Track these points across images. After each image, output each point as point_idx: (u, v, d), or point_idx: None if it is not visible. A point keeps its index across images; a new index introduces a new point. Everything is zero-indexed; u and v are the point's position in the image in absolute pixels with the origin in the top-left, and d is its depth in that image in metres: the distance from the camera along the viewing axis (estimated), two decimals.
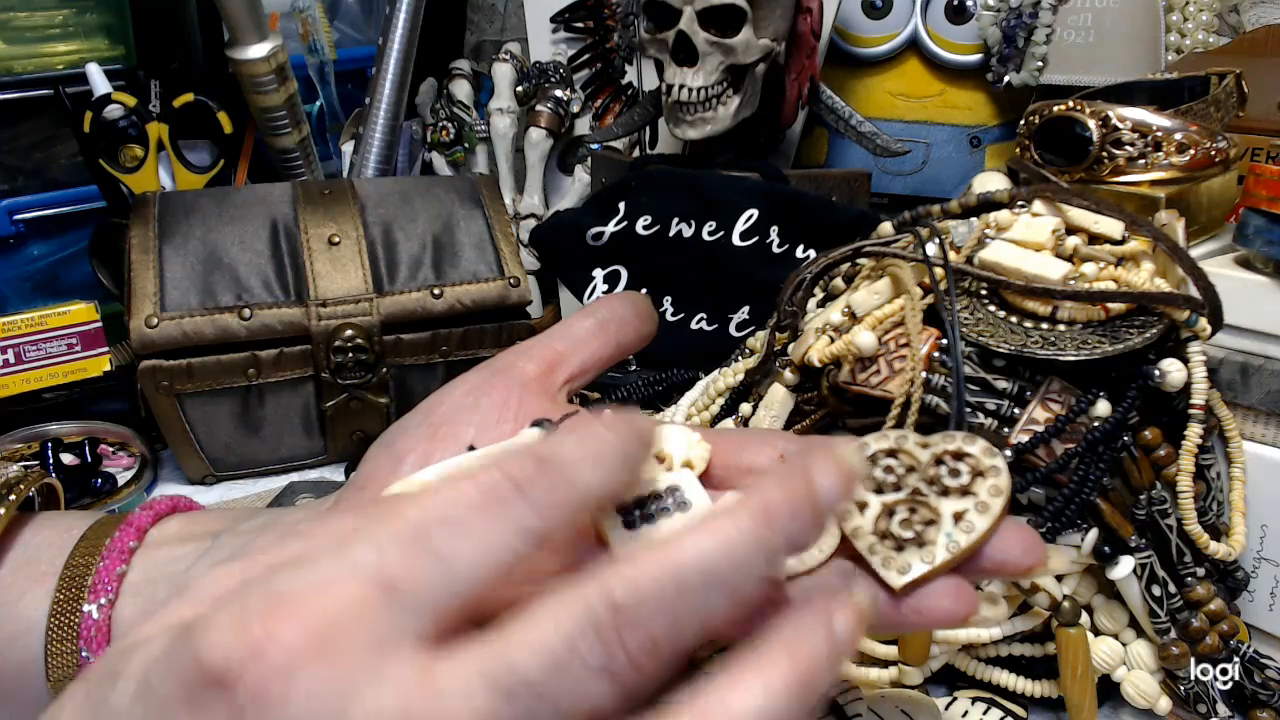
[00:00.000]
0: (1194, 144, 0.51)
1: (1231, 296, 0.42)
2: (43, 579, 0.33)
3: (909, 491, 0.29)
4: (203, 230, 0.60)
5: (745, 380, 0.50)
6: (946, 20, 0.76)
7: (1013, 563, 0.27)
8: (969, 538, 0.27)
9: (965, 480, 0.28)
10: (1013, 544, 0.27)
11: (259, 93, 0.73)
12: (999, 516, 0.27)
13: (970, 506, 0.28)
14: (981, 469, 0.29)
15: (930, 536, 0.27)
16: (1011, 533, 0.28)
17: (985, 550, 0.27)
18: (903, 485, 0.29)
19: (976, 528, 0.27)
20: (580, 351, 0.38)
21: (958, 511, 0.28)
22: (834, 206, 0.66)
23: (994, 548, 0.27)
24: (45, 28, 0.75)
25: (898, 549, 0.27)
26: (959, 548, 0.27)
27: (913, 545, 0.27)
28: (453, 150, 0.88)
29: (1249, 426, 0.46)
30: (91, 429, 0.62)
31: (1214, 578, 0.43)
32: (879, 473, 0.29)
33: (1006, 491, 0.28)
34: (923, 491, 0.29)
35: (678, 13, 0.65)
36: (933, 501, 0.28)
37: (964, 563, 0.27)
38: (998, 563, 0.27)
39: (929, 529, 0.28)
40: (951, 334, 0.42)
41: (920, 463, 0.29)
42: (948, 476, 0.29)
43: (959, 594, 0.27)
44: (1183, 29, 0.73)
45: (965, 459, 0.29)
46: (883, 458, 0.30)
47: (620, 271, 0.68)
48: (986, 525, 0.27)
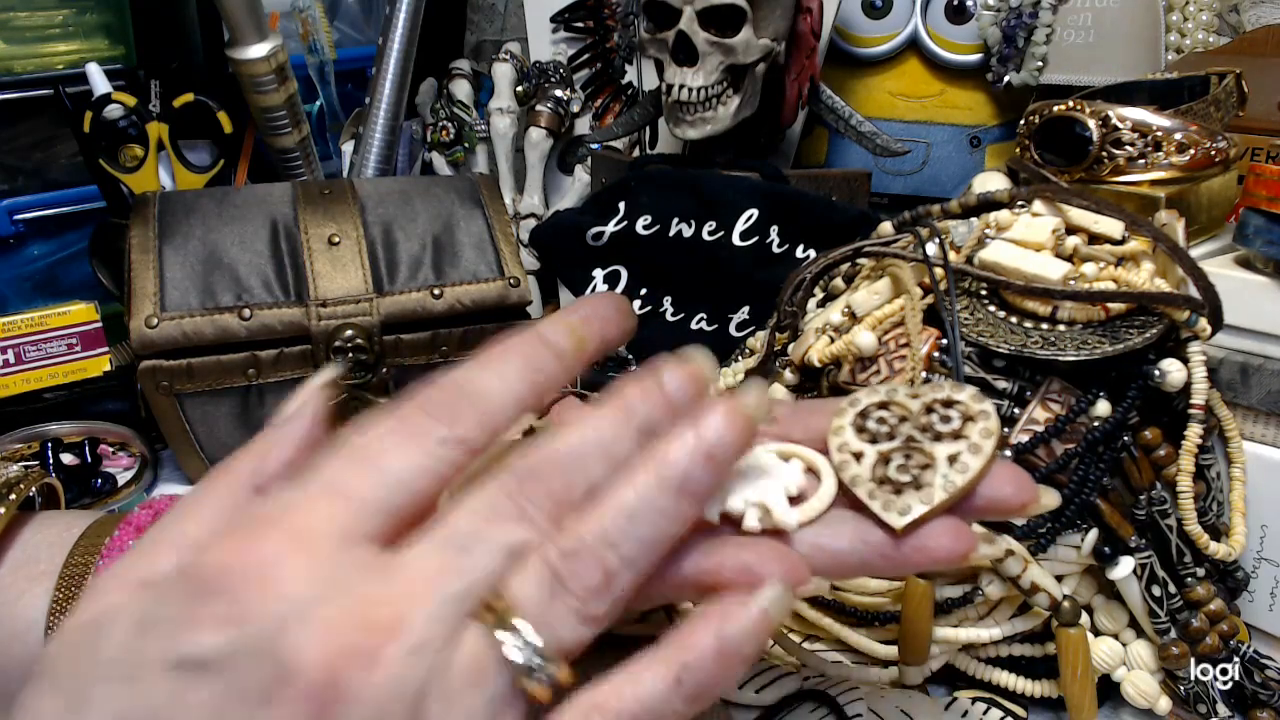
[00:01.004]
0: (1194, 144, 0.51)
1: (1231, 296, 0.42)
2: (42, 578, 0.33)
3: (903, 439, 0.30)
4: (203, 230, 0.59)
5: (745, 380, 0.50)
6: (946, 20, 0.76)
7: (1006, 500, 0.28)
8: (964, 477, 0.28)
9: (956, 425, 0.29)
10: (1005, 483, 0.28)
11: (259, 93, 0.73)
12: (991, 457, 0.28)
13: (963, 449, 0.29)
14: (971, 414, 0.30)
15: (927, 479, 0.28)
16: (1003, 473, 0.29)
17: (979, 490, 0.28)
18: (896, 434, 0.30)
19: (971, 467, 0.28)
20: None
21: (951, 454, 0.29)
22: (834, 206, 0.66)
23: (987, 487, 0.28)
24: (45, 28, 0.75)
25: (896, 493, 0.28)
26: (955, 487, 0.28)
27: (910, 488, 0.28)
28: (453, 150, 0.88)
29: (1249, 426, 0.46)
30: (91, 429, 0.62)
31: (1214, 578, 0.43)
32: (872, 424, 0.30)
33: (997, 433, 0.29)
34: (916, 438, 0.30)
35: (678, 13, 0.65)
36: (927, 447, 0.29)
37: (960, 503, 0.28)
38: (992, 500, 0.28)
39: (925, 472, 0.28)
40: (951, 334, 0.42)
41: (912, 412, 0.30)
42: (939, 423, 0.30)
43: (958, 532, 0.28)
44: (1183, 29, 0.73)
45: (955, 405, 0.30)
46: (875, 410, 0.31)
47: (620, 271, 0.68)
48: (980, 465, 0.28)
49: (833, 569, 0.29)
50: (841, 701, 0.41)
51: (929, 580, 0.41)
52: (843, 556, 0.28)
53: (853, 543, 0.28)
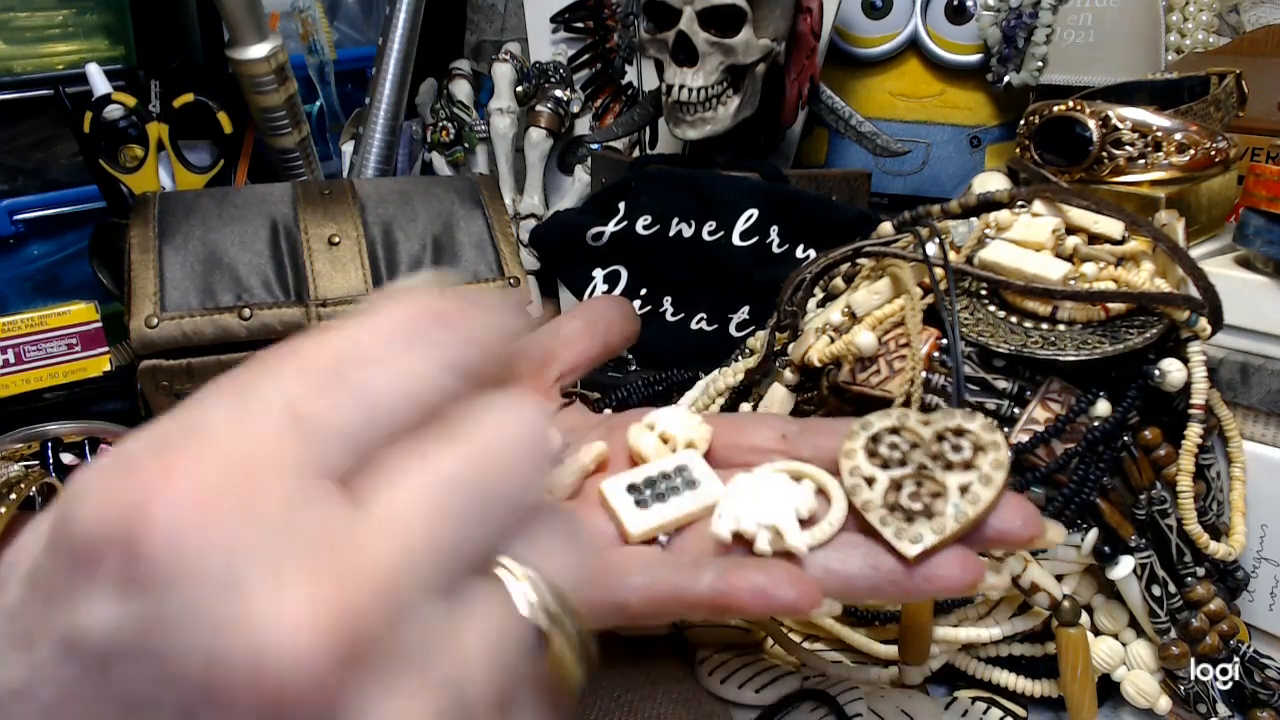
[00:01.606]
0: (1194, 144, 0.51)
1: (1231, 296, 0.42)
2: None
3: (915, 467, 0.30)
4: (203, 230, 0.59)
5: (745, 380, 0.50)
6: (946, 20, 0.76)
7: (1014, 533, 0.29)
8: (975, 508, 0.28)
9: (967, 455, 0.30)
10: (1013, 516, 0.29)
11: (259, 93, 0.73)
12: (1001, 488, 0.29)
13: (974, 479, 0.29)
14: (982, 444, 0.30)
15: (938, 508, 0.29)
16: (1011, 506, 0.29)
17: (988, 522, 0.29)
18: (908, 461, 0.30)
19: (981, 499, 0.29)
20: (570, 349, 0.40)
21: (962, 484, 0.29)
22: (834, 206, 0.66)
23: (996, 519, 0.29)
24: (45, 28, 0.75)
25: (908, 520, 0.29)
26: (966, 518, 0.28)
27: (922, 517, 0.29)
28: (453, 150, 0.88)
29: (1249, 426, 0.46)
30: (91, 429, 0.62)
31: (1214, 578, 0.43)
32: (884, 449, 0.31)
33: (1007, 465, 0.29)
34: (928, 466, 0.30)
35: (678, 13, 0.65)
36: (938, 475, 0.30)
37: (969, 534, 0.29)
38: (1000, 533, 0.29)
39: (936, 501, 0.29)
40: (951, 334, 0.42)
41: (923, 439, 0.31)
42: (950, 452, 0.30)
43: (966, 562, 0.28)
44: (1183, 29, 0.73)
45: (966, 435, 0.30)
46: (886, 435, 0.31)
47: (620, 271, 0.68)
48: (990, 496, 0.29)
49: (843, 592, 0.29)
50: (841, 701, 0.41)
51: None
52: (853, 580, 0.29)
53: (863, 568, 0.29)
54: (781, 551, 0.29)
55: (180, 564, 0.16)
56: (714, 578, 0.28)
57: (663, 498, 0.32)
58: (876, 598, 0.29)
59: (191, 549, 0.16)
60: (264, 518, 0.17)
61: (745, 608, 0.27)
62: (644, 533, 0.32)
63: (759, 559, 0.29)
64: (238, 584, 0.16)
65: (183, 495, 0.17)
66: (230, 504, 0.17)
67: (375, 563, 0.17)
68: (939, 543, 0.28)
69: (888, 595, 0.29)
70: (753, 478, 0.31)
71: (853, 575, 0.29)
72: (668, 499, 0.32)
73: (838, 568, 0.29)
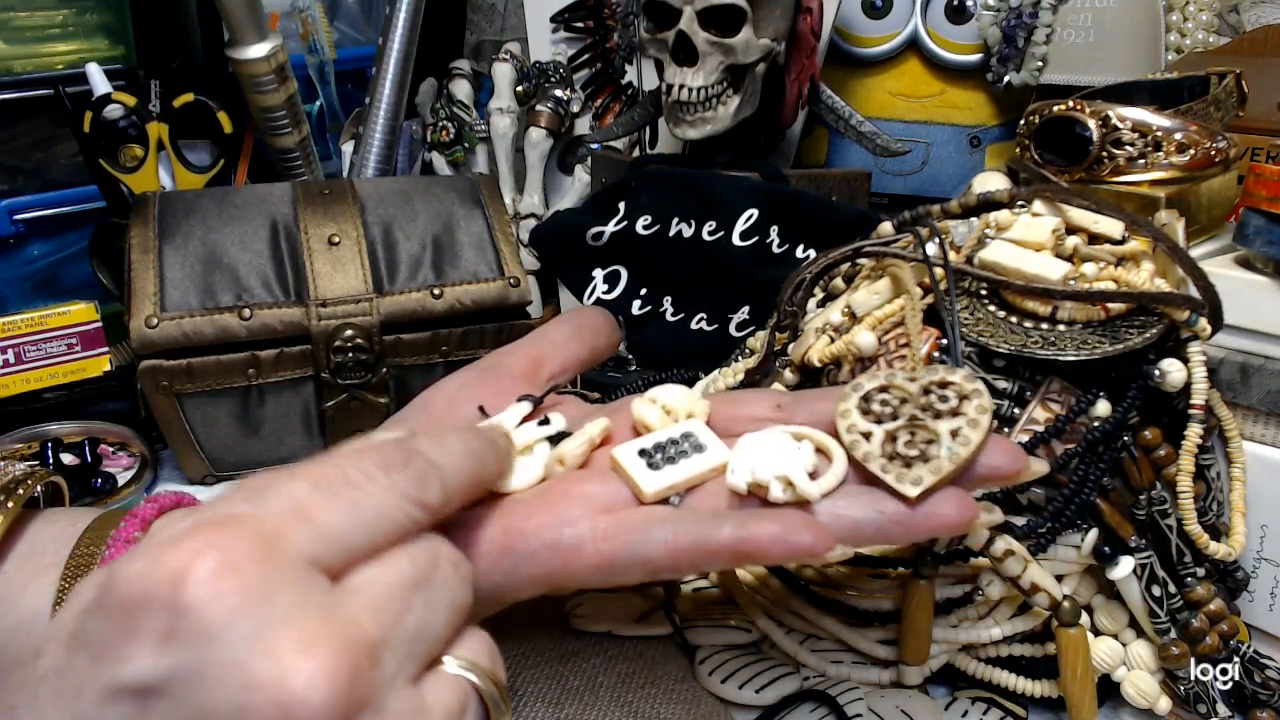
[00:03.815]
0: (1194, 144, 0.51)
1: (1231, 296, 0.42)
2: (47, 570, 0.33)
3: (907, 418, 0.33)
4: (203, 230, 0.59)
5: (745, 380, 0.50)
6: (946, 20, 0.76)
7: (1002, 469, 0.32)
8: (967, 448, 0.31)
9: (954, 403, 0.33)
10: (1000, 454, 0.32)
11: (259, 93, 0.73)
12: (987, 430, 0.32)
13: (963, 424, 0.32)
14: (966, 393, 0.33)
15: (933, 452, 0.31)
16: (997, 446, 0.32)
17: (978, 461, 0.32)
18: (899, 414, 0.33)
19: (972, 440, 0.31)
20: (560, 353, 0.43)
21: (953, 429, 0.32)
22: (834, 206, 0.66)
23: (985, 459, 0.32)
24: (45, 28, 0.75)
25: (906, 466, 0.31)
26: (960, 457, 0.31)
27: (919, 461, 0.31)
28: (453, 150, 0.88)
29: (1249, 426, 0.46)
30: (91, 429, 0.62)
31: (1214, 578, 0.43)
32: (876, 406, 0.34)
33: (990, 409, 0.32)
34: (919, 417, 0.33)
35: (678, 13, 0.65)
36: (930, 424, 0.32)
37: (961, 474, 0.31)
38: (990, 469, 0.32)
39: (930, 446, 0.32)
40: (951, 334, 0.42)
41: (911, 394, 0.34)
42: (938, 402, 0.33)
43: (961, 502, 0.31)
44: (1183, 29, 0.73)
45: (950, 386, 0.33)
46: (877, 394, 0.34)
47: (620, 271, 0.68)
48: (979, 438, 0.32)
49: (853, 536, 0.31)
50: (841, 701, 0.42)
51: (929, 579, 0.41)
52: (861, 524, 0.31)
53: (869, 512, 0.31)
54: (792, 502, 0.31)
55: (217, 620, 0.20)
56: (734, 527, 0.30)
57: (673, 460, 0.34)
58: (883, 540, 0.31)
59: (227, 608, 0.20)
60: (284, 587, 0.21)
61: (766, 553, 0.29)
62: (659, 491, 0.33)
63: (773, 509, 0.31)
64: (265, 641, 0.20)
65: (219, 562, 0.21)
66: (256, 574, 0.21)
67: (368, 635, 0.22)
68: (937, 482, 0.31)
69: (894, 536, 0.31)
70: (758, 437, 0.33)
71: (860, 520, 0.31)
72: (678, 461, 0.34)
73: (846, 513, 0.31)
